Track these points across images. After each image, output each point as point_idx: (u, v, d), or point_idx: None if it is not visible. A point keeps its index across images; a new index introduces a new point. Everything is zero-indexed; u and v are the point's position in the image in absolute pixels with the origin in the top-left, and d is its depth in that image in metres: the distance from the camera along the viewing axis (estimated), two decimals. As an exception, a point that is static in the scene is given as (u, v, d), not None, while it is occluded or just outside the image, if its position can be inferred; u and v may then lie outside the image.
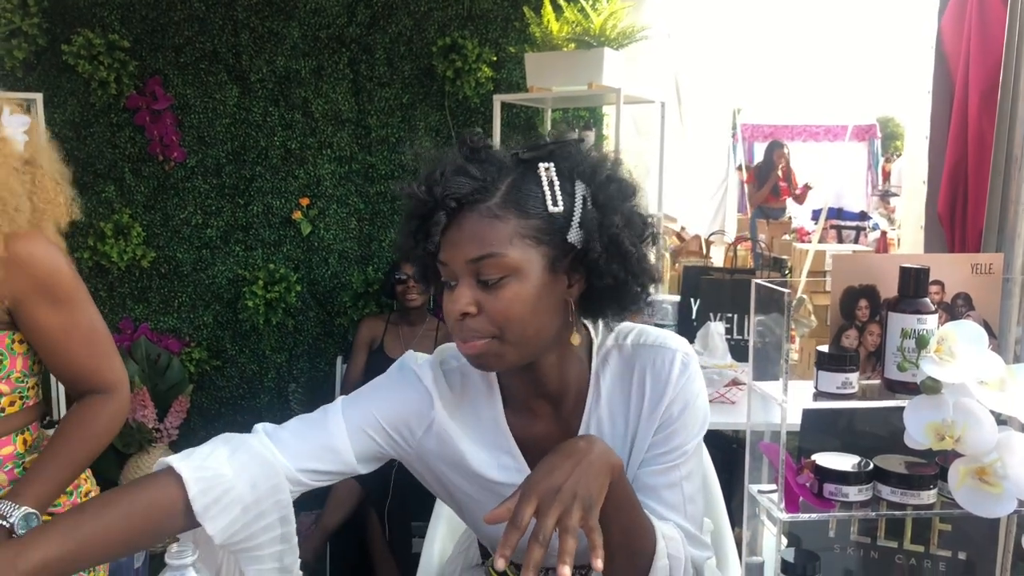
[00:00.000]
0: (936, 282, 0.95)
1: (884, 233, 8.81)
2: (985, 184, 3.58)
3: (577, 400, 1.19)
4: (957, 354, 0.84)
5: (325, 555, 3.14)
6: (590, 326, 1.19)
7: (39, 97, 3.10)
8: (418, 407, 1.17)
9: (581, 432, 1.18)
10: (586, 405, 1.18)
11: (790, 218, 8.79)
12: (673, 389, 1.14)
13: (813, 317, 3.60)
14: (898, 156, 13.98)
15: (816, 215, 8.17)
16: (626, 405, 1.17)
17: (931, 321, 0.89)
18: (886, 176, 12.54)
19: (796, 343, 3.18)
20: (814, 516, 0.92)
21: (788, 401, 0.89)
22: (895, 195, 10.42)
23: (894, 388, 0.92)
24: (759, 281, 0.93)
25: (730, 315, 2.63)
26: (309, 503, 3.68)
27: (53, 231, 1.52)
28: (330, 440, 1.14)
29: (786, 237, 7.59)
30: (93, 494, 1.68)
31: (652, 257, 1.13)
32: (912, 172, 4.06)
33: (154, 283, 3.64)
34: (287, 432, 1.15)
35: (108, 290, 3.58)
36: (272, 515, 1.11)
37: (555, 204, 1.04)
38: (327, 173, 3.73)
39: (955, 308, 0.97)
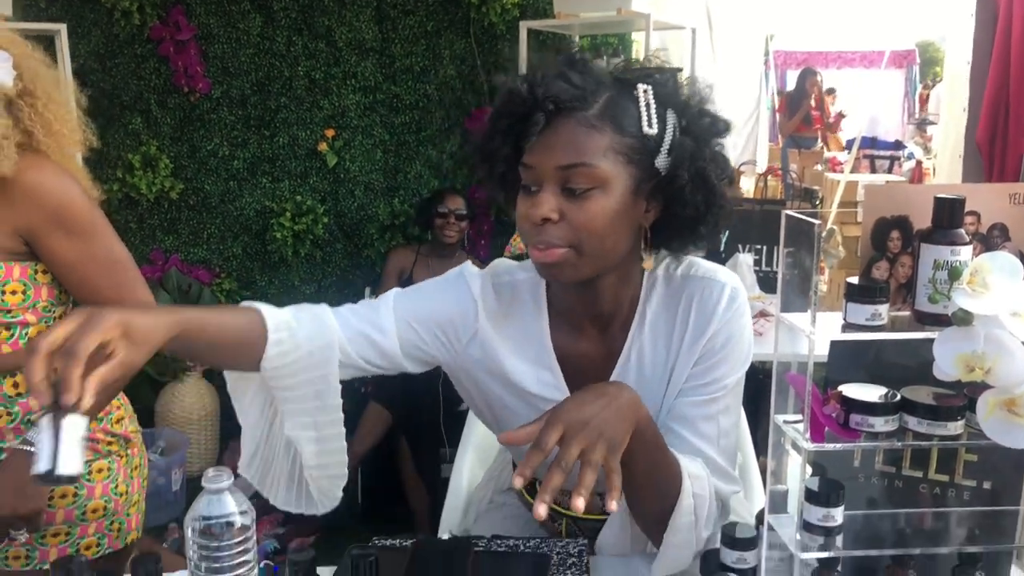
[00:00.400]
0: (972, 212, 0.94)
1: (919, 163, 8.61)
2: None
3: (623, 324, 1.21)
4: (990, 286, 0.83)
5: (356, 481, 3.23)
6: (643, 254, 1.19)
7: (63, 28, 3.09)
8: (463, 313, 1.21)
9: (623, 356, 1.20)
10: (631, 329, 1.20)
11: (822, 148, 8.62)
12: (718, 321, 1.16)
13: (842, 248, 3.56)
14: (937, 83, 13.57)
15: (849, 145, 8.01)
16: (670, 333, 1.19)
17: (965, 252, 0.88)
18: (923, 103, 12.19)
19: (825, 275, 3.16)
20: (839, 446, 0.92)
21: (816, 332, 0.89)
22: (932, 123, 10.14)
23: (924, 320, 0.91)
24: (789, 212, 0.91)
25: (759, 247, 2.61)
26: (351, 428, 3.76)
27: (70, 160, 1.52)
28: (379, 320, 1.19)
29: (818, 167, 7.45)
30: (126, 421, 1.72)
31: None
32: (951, 99, 3.94)
33: (183, 214, 3.67)
34: (344, 308, 1.22)
35: (138, 222, 3.62)
36: (320, 369, 1.15)
37: (650, 126, 1.06)
38: (352, 104, 3.70)
39: (991, 239, 0.95)
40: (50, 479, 0.77)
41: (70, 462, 0.79)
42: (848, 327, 0.90)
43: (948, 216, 0.89)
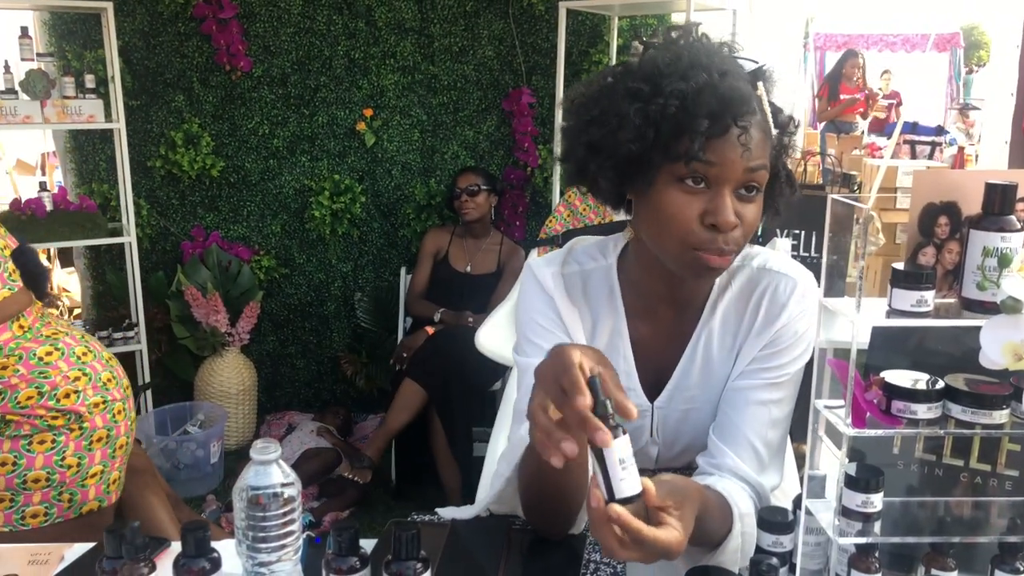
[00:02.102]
0: (1022, 199, 0.92)
1: (961, 149, 8.43)
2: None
3: (697, 309, 1.22)
4: (1041, 274, 0.82)
5: (390, 456, 3.27)
6: None
7: (109, 6, 3.13)
8: (547, 311, 1.22)
9: (692, 340, 1.21)
10: (703, 315, 1.22)
11: (862, 133, 8.47)
12: (787, 315, 1.17)
13: (881, 235, 3.51)
14: (981, 67, 13.24)
15: (890, 130, 7.86)
16: (739, 322, 1.21)
17: (1015, 239, 0.87)
18: (967, 87, 11.91)
19: (861, 261, 3.12)
20: (880, 432, 0.92)
21: (860, 318, 0.88)
22: (976, 108, 9.93)
23: (971, 307, 0.90)
24: (835, 196, 0.91)
25: (797, 231, 2.58)
26: (374, 406, 3.81)
27: None
28: None
29: (856, 152, 7.33)
30: (85, 394, 1.78)
31: None
32: (999, 84, 3.86)
33: (223, 192, 3.72)
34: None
35: (180, 198, 3.67)
36: None
37: (775, 125, 1.09)
38: (390, 84, 3.71)
39: (1041, 227, 0.94)
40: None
41: (626, 485, 0.84)
42: (893, 312, 0.90)
43: (999, 202, 0.87)
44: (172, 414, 3.39)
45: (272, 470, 0.91)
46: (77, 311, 4.37)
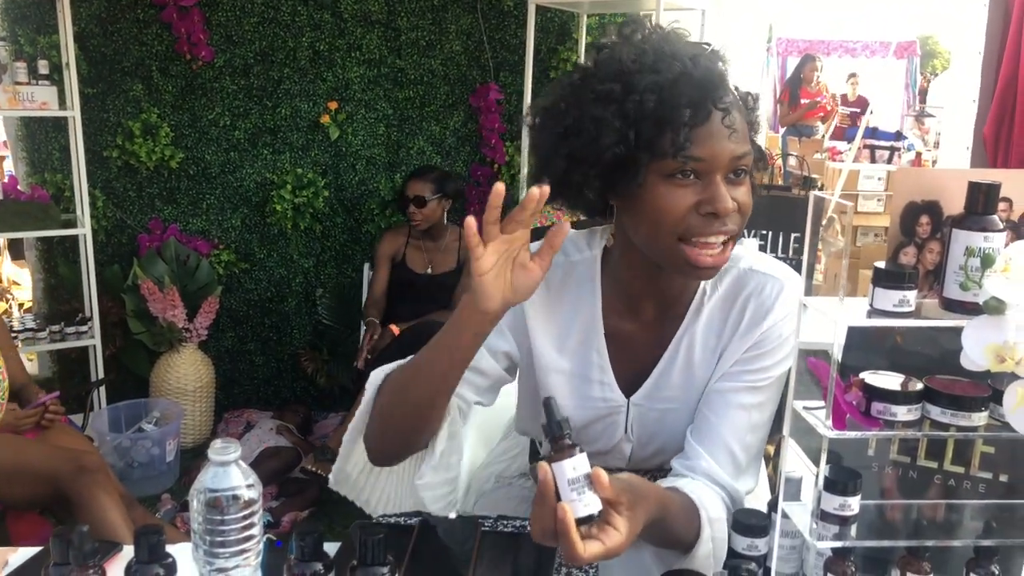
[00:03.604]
0: (1004, 199, 0.91)
1: (919, 154, 8.58)
2: (1035, 104, 3.44)
3: (681, 309, 1.20)
4: (1024, 274, 0.81)
5: (351, 456, 3.21)
6: None
7: (65, -11, 3.04)
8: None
9: (674, 342, 1.20)
10: (686, 316, 1.19)
11: (822, 137, 8.57)
12: (773, 317, 1.15)
13: (842, 237, 3.55)
14: (934, 76, 13.52)
15: (852, 134, 7.97)
16: (723, 324, 1.19)
17: (998, 240, 0.86)
18: (923, 96, 12.15)
19: (822, 263, 3.15)
20: (860, 434, 0.90)
21: (842, 318, 0.87)
22: (931, 116, 10.11)
23: (952, 308, 0.89)
24: (819, 194, 0.89)
25: (764, 232, 2.59)
26: (334, 404, 3.75)
27: None
28: (478, 364, 1.18)
29: (817, 155, 7.41)
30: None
31: None
32: (959, 90, 3.91)
33: (182, 184, 3.63)
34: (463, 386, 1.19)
35: (137, 190, 3.57)
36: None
37: (746, 104, 1.09)
38: (356, 76, 3.65)
39: (1022, 227, 0.93)
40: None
41: (580, 506, 0.84)
42: (874, 312, 0.88)
43: (982, 202, 0.86)
44: (126, 411, 3.30)
45: (231, 471, 0.87)
46: (27, 304, 4.25)
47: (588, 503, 0.84)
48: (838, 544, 0.95)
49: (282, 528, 2.92)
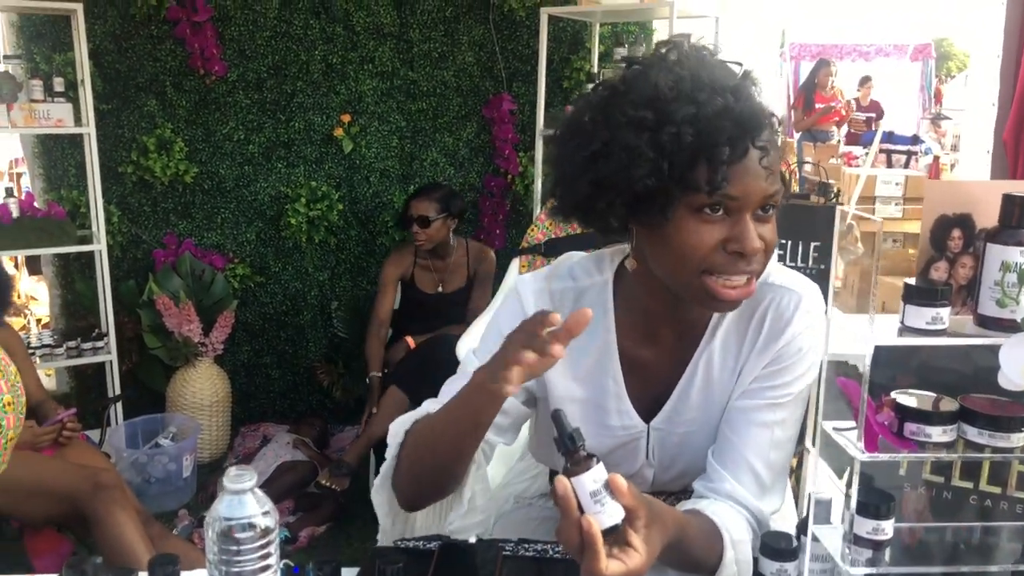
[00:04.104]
0: (1036, 213, 0.88)
1: (937, 158, 8.50)
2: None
3: (698, 332, 1.17)
4: (1064, 290, 0.78)
5: (369, 462, 3.20)
6: None
7: (79, 7, 3.05)
8: None
9: (691, 365, 1.17)
10: (704, 337, 1.16)
11: (838, 142, 8.51)
12: (792, 331, 1.12)
13: (860, 244, 3.50)
14: (950, 78, 13.43)
15: (868, 138, 7.91)
16: (741, 340, 1.15)
17: (1034, 254, 0.83)
18: (938, 99, 12.07)
19: (839, 269, 3.10)
20: (895, 457, 0.87)
21: (874, 336, 0.84)
22: (947, 119, 10.03)
23: (987, 324, 0.86)
24: (844, 207, 0.86)
25: (784, 241, 2.54)
26: (351, 417, 3.73)
27: None
28: None
29: (833, 161, 7.35)
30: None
31: None
32: (979, 94, 3.86)
33: (197, 199, 3.63)
34: None
35: (152, 205, 3.58)
36: None
37: (772, 129, 1.04)
38: (368, 89, 3.65)
39: (1057, 241, 0.90)
40: None
41: (603, 517, 0.84)
42: (906, 330, 0.85)
43: (1018, 215, 0.83)
44: (143, 427, 3.29)
45: (247, 500, 0.84)
46: (45, 320, 4.26)
47: (611, 513, 0.83)
48: (872, 571, 0.91)
49: (299, 543, 2.90)
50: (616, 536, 0.84)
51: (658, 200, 0.99)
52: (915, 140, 8.72)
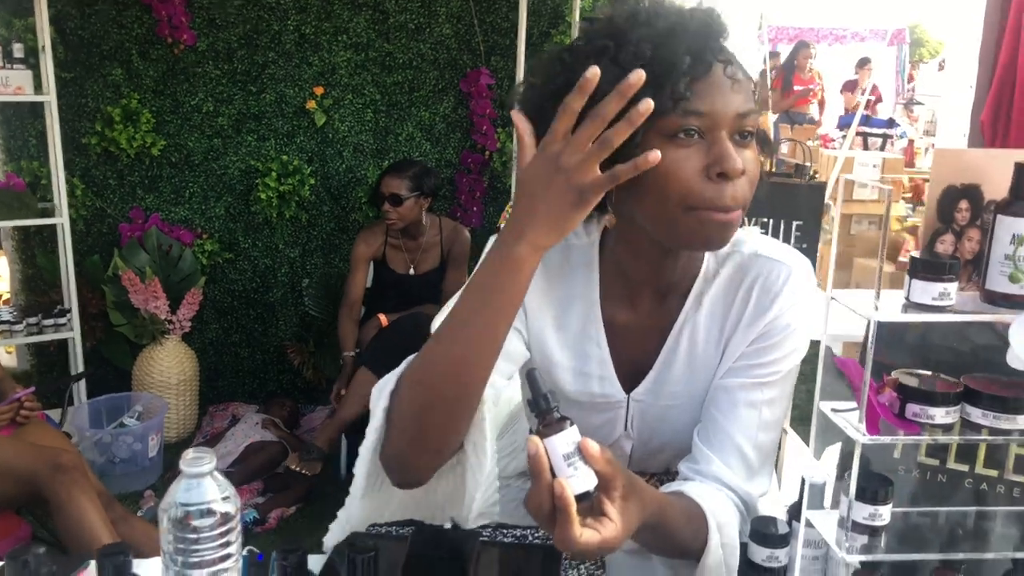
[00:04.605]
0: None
1: (911, 141, 8.55)
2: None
3: (681, 297, 1.11)
4: (1079, 264, 0.74)
5: (340, 447, 3.14)
6: None
7: (39, -31, 2.92)
8: None
9: (675, 330, 1.11)
10: (687, 303, 1.11)
11: (817, 123, 8.52)
12: (779, 306, 1.07)
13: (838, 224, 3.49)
14: (923, 64, 13.54)
15: (847, 120, 7.91)
16: (727, 311, 1.10)
17: (1048, 227, 0.78)
18: (911, 83, 12.17)
19: (819, 250, 3.08)
20: (896, 439, 0.83)
21: (879, 313, 0.79)
22: (920, 104, 10.09)
23: (996, 301, 0.81)
24: (849, 176, 0.81)
25: (766, 220, 2.51)
26: (322, 397, 3.66)
27: None
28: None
29: (810, 143, 7.35)
30: None
31: None
32: (955, 77, 3.84)
33: (164, 172, 3.52)
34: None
35: (118, 178, 3.46)
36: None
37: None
38: (342, 61, 3.55)
39: (1069, 214, 0.85)
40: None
41: (575, 482, 0.78)
42: (911, 306, 0.81)
43: (1031, 185, 0.79)
44: (107, 405, 3.20)
45: (205, 484, 0.78)
46: (5, 296, 4.13)
47: (584, 478, 0.78)
48: (868, 558, 0.87)
49: (268, 525, 2.84)
50: (590, 505, 0.79)
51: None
52: (891, 123, 8.76)
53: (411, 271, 3.29)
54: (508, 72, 3.58)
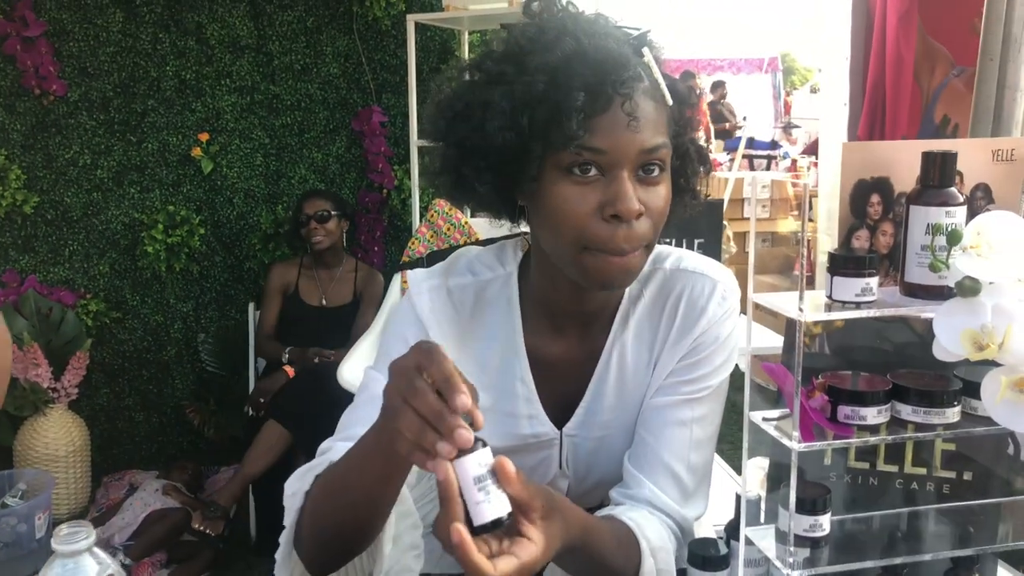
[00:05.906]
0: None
1: (794, 161, 8.91)
2: (903, 107, 3.57)
3: (605, 322, 1.06)
4: (996, 248, 0.73)
5: (248, 504, 2.97)
6: None
7: None
8: (418, 338, 0.97)
9: (603, 358, 1.06)
10: (613, 327, 1.06)
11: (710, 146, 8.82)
12: (707, 320, 1.03)
13: (733, 244, 3.56)
14: (795, 90, 14.31)
15: (733, 144, 8.20)
16: (655, 330, 1.06)
17: (960, 214, 0.78)
18: (787, 110, 12.81)
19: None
20: (830, 444, 0.80)
21: (805, 314, 0.76)
22: (796, 127, 10.59)
23: (915, 293, 0.80)
24: (775, 175, 0.79)
25: (667, 240, 2.52)
26: (226, 457, 3.47)
27: None
28: None
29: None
30: None
31: None
32: (832, 97, 4.01)
33: (40, 230, 3.31)
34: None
35: (-13, 240, 3.24)
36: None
37: (673, 98, 0.94)
38: (227, 105, 3.43)
39: (975, 201, 0.85)
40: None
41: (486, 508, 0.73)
42: (835, 304, 0.78)
43: (939, 173, 0.78)
44: (-13, 486, 2.95)
45: (84, 562, 0.68)
46: None
47: (497, 505, 0.72)
48: (812, 571, 0.84)
49: (175, 600, 2.65)
50: (508, 527, 0.74)
51: (522, 161, 0.90)
52: (774, 145, 9.12)
53: (323, 302, 3.21)
54: (401, 109, 3.53)
